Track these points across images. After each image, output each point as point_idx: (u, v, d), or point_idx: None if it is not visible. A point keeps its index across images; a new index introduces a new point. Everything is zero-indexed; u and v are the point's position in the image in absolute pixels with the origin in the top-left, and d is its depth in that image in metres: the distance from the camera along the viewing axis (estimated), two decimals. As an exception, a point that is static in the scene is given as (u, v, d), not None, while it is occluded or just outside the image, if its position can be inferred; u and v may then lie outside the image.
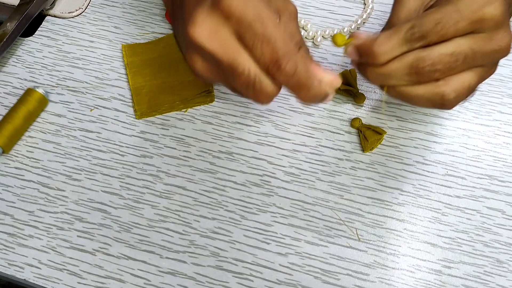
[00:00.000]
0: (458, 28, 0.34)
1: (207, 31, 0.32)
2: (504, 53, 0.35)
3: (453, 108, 0.44)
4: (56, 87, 0.52)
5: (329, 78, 0.35)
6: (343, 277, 0.43)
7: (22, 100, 0.49)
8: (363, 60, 0.37)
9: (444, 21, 0.34)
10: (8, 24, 0.53)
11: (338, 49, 0.53)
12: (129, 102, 0.51)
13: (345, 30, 0.54)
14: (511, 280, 0.42)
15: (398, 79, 0.36)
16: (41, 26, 0.56)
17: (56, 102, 0.51)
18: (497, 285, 0.42)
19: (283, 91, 0.50)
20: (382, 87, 0.38)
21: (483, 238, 0.44)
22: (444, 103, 0.36)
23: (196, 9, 0.33)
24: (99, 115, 0.51)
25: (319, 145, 0.48)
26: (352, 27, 0.54)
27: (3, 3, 0.58)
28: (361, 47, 0.36)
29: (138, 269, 0.44)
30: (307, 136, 0.49)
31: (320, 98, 0.36)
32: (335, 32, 0.54)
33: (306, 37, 0.54)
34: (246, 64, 0.33)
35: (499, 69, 0.51)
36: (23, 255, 0.44)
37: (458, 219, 0.45)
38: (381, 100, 0.50)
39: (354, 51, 0.36)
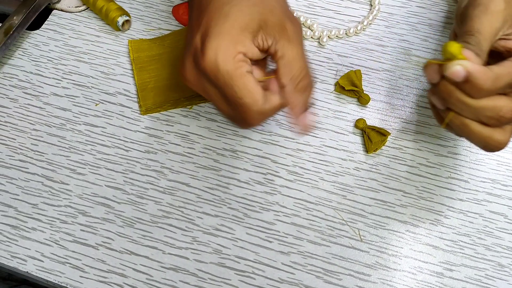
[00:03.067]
0: None
1: (192, 77, 0.38)
2: None
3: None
4: (62, 80, 0.52)
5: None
6: (345, 277, 0.43)
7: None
8: (455, 83, 0.34)
9: None
10: (14, 17, 0.53)
11: (343, 50, 0.53)
12: (134, 97, 0.51)
13: (351, 30, 0.54)
14: (512, 284, 0.42)
15: (476, 115, 0.35)
16: (47, 19, 0.56)
17: (62, 96, 0.52)
18: (498, 289, 0.42)
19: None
20: (445, 110, 0.37)
21: (485, 241, 0.44)
22: (495, 150, 0.37)
23: (186, 56, 0.38)
24: (104, 110, 0.51)
25: (323, 145, 0.48)
26: (358, 28, 0.54)
27: (10, -5, 0.58)
28: (472, 75, 0.33)
29: (141, 264, 0.44)
30: (311, 135, 0.49)
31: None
32: (341, 32, 0.54)
33: (312, 37, 0.54)
34: (224, 107, 0.38)
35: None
36: (26, 248, 0.45)
37: (461, 222, 0.45)
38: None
39: (461, 75, 0.33)
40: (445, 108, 0.37)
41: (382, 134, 0.48)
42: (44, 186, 0.47)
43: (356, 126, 0.49)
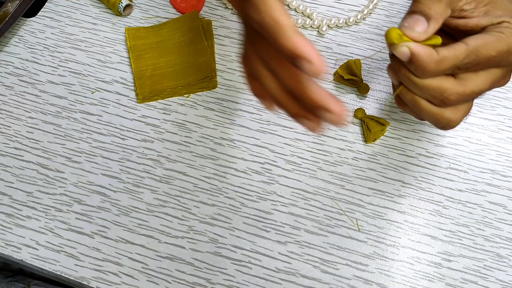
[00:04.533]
0: (496, 65, 0.35)
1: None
2: None
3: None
4: (58, 68, 0.52)
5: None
6: (342, 267, 0.43)
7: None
8: (404, 63, 0.35)
9: (494, 60, 0.34)
10: (9, 4, 0.52)
11: (343, 39, 0.52)
12: (131, 85, 0.51)
13: (351, 20, 0.53)
14: (511, 275, 0.42)
15: (422, 93, 0.36)
16: (44, 7, 0.56)
17: (58, 84, 0.51)
18: (496, 280, 0.42)
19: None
20: (397, 85, 0.37)
21: (484, 232, 0.44)
22: (446, 127, 0.37)
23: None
24: (100, 98, 0.50)
25: (322, 134, 0.48)
26: (358, 17, 0.53)
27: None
28: (416, 57, 0.33)
29: (136, 253, 0.43)
30: (310, 125, 0.48)
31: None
32: (340, 21, 0.53)
33: (311, 26, 0.53)
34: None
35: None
36: (20, 236, 0.44)
37: (459, 213, 0.44)
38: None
39: (407, 55, 0.34)
40: (398, 84, 0.37)
41: (381, 124, 0.47)
42: (39, 174, 0.47)
43: (355, 115, 0.49)
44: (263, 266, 0.43)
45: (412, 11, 0.35)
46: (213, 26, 0.53)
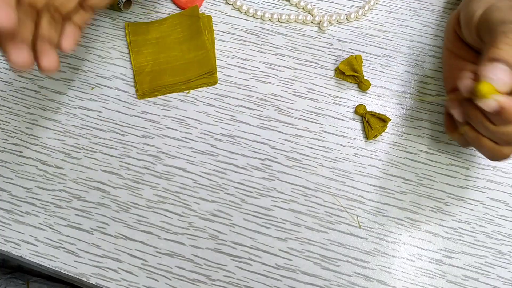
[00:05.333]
0: None
1: None
2: None
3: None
4: (57, 64, 0.52)
5: None
6: (343, 264, 0.42)
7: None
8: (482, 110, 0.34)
9: None
10: None
11: (344, 35, 0.52)
12: (130, 81, 0.50)
13: (351, 15, 0.53)
14: (512, 272, 0.42)
15: (491, 136, 0.36)
16: (43, 2, 0.55)
17: (57, 80, 0.51)
18: (498, 277, 0.42)
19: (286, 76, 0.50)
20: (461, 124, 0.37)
21: (485, 229, 0.43)
22: (500, 160, 0.38)
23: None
24: (100, 94, 0.50)
25: (322, 131, 0.48)
26: (359, 13, 0.53)
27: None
28: (504, 110, 0.32)
29: (136, 250, 0.43)
30: (310, 121, 0.48)
31: None
32: (341, 17, 0.53)
33: (312, 22, 0.53)
34: None
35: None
36: (19, 232, 0.44)
37: (461, 209, 0.44)
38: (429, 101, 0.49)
39: (494, 108, 0.33)
40: (463, 121, 0.37)
41: (382, 120, 0.47)
42: (39, 170, 0.46)
43: (356, 112, 0.48)
44: (263, 262, 0.43)
45: (493, 59, 0.33)
46: (213, 22, 0.53)
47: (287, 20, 0.53)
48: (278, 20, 0.53)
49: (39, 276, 0.68)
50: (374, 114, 0.47)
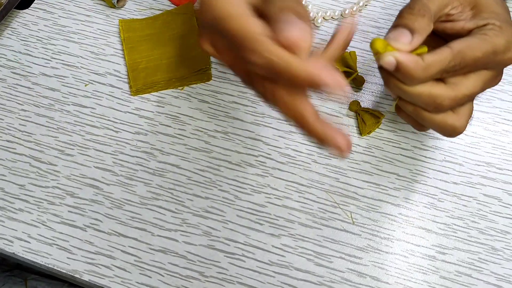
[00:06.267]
0: (484, 67, 0.35)
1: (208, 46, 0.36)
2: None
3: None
4: (51, 60, 0.51)
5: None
6: (336, 260, 0.42)
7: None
8: (393, 74, 0.35)
9: (481, 61, 0.34)
10: (3, -5, 0.52)
11: (338, 31, 0.52)
12: (124, 78, 0.50)
13: (346, 12, 0.53)
14: (505, 268, 0.42)
15: (415, 102, 0.36)
16: (37, -2, 0.55)
17: (51, 76, 0.51)
18: (491, 272, 0.42)
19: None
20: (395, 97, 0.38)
21: (479, 225, 0.43)
22: (453, 135, 0.38)
23: (200, 35, 0.36)
24: (93, 91, 0.50)
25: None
26: (354, 9, 0.53)
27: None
28: (402, 65, 0.33)
29: (129, 246, 0.43)
30: (304, 117, 0.48)
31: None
32: (336, 13, 0.53)
33: (306, 18, 0.53)
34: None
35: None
36: (12, 229, 0.44)
37: (454, 206, 0.44)
38: (393, 101, 0.49)
39: (392, 64, 0.34)
40: (396, 96, 0.38)
41: (376, 116, 0.47)
42: (32, 167, 0.46)
43: (350, 108, 0.48)
44: (256, 259, 0.43)
45: (396, 25, 0.35)
46: (207, 18, 0.53)
47: (281, 17, 0.53)
48: (272, 17, 0.53)
49: (38, 274, 0.68)
50: (368, 111, 0.47)
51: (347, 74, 0.49)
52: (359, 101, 0.48)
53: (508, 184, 0.45)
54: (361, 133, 0.47)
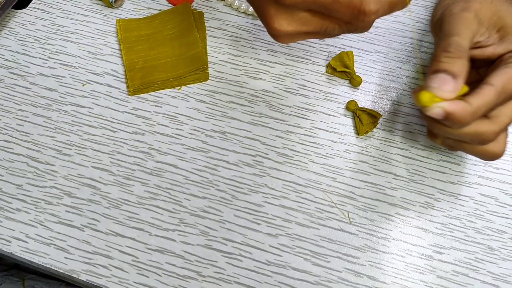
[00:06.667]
0: None
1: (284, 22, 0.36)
2: None
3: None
4: (48, 60, 0.51)
5: None
6: (333, 260, 0.42)
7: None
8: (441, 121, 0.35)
9: None
10: (0, -5, 0.52)
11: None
12: (122, 78, 0.50)
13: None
14: (502, 267, 0.42)
15: (462, 139, 0.37)
16: (34, -2, 0.55)
17: (48, 76, 0.51)
18: (488, 272, 0.42)
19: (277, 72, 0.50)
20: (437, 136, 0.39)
21: (476, 224, 0.43)
22: (494, 159, 0.39)
23: (269, 13, 0.36)
24: (91, 90, 0.50)
25: (314, 127, 0.48)
26: (351, 9, 0.53)
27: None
28: (451, 115, 0.34)
29: (126, 246, 0.43)
30: (302, 117, 0.48)
31: None
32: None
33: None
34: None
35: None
36: (10, 229, 0.44)
37: (451, 205, 0.44)
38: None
39: (441, 115, 0.34)
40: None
41: (374, 116, 0.47)
42: (29, 167, 0.46)
43: (347, 108, 0.48)
44: (254, 258, 0.43)
45: (435, 70, 0.35)
46: (205, 18, 0.53)
47: (278, 16, 0.53)
48: (270, 16, 0.53)
49: (35, 274, 0.68)
50: (365, 110, 0.47)
51: (344, 74, 0.49)
52: (356, 101, 0.48)
53: (505, 184, 0.45)
54: (358, 132, 0.47)
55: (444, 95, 0.34)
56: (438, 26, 0.38)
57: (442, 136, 0.39)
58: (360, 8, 0.33)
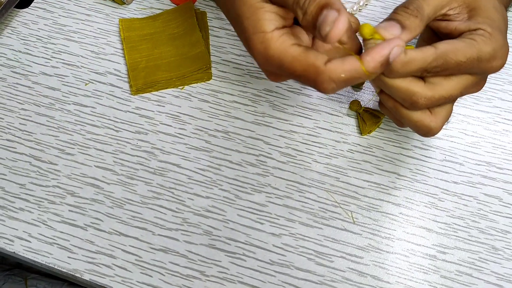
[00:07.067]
0: (467, 71, 0.35)
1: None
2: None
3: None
4: (51, 60, 0.51)
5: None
6: (337, 260, 0.42)
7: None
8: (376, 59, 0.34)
9: (464, 66, 0.34)
10: (3, -6, 0.51)
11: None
12: (124, 77, 0.50)
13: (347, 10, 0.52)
14: (506, 267, 0.42)
15: (395, 95, 0.37)
16: (37, -3, 0.55)
17: (51, 75, 0.51)
18: (491, 272, 0.42)
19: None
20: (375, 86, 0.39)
21: (479, 224, 0.43)
22: (427, 135, 0.38)
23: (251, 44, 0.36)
24: (94, 90, 0.50)
25: (317, 126, 0.48)
26: (354, 8, 0.53)
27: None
28: (382, 53, 0.33)
29: (130, 245, 0.43)
30: (305, 117, 0.48)
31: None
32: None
33: (307, 18, 0.53)
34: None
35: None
36: (13, 228, 0.44)
37: (455, 205, 0.44)
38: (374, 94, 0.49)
39: (376, 50, 0.33)
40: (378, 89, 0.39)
41: (377, 116, 0.47)
42: (32, 166, 0.46)
43: (350, 108, 0.48)
44: (257, 258, 0.43)
45: (389, 18, 0.36)
46: (207, 17, 0.53)
47: (281, 16, 0.53)
48: (273, 16, 0.53)
49: (38, 273, 0.68)
50: (368, 110, 0.47)
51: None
52: (360, 100, 0.48)
53: (509, 184, 0.45)
54: (361, 132, 0.47)
55: (386, 34, 0.34)
56: None
57: (380, 92, 0.38)
58: (316, 80, 0.33)
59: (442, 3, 0.36)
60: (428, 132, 0.38)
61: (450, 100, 0.37)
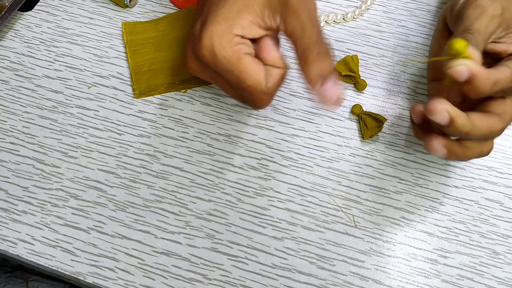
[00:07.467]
0: None
1: (194, 64, 0.40)
2: None
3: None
4: (54, 63, 0.52)
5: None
6: (338, 263, 0.43)
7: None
8: (460, 84, 0.34)
9: None
10: (6, -3, 0.52)
11: (340, 35, 0.52)
12: (127, 80, 0.51)
13: (348, 15, 0.53)
14: (507, 272, 0.42)
15: (474, 136, 0.36)
16: (40, 0, 0.55)
17: (54, 78, 0.51)
18: (492, 276, 0.42)
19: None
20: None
21: (480, 229, 0.44)
22: (484, 156, 0.39)
23: (187, 44, 0.40)
24: (97, 93, 0.50)
25: (319, 130, 0.48)
26: (356, 13, 0.53)
27: (2, -24, 0.57)
28: (476, 77, 0.33)
29: (133, 249, 0.43)
30: (307, 121, 0.48)
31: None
32: (338, 17, 0.53)
33: (309, 22, 0.53)
34: (230, 91, 0.40)
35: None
36: (16, 231, 0.44)
37: (456, 209, 0.44)
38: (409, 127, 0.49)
39: (465, 74, 0.33)
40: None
41: (379, 120, 0.47)
42: (35, 169, 0.46)
43: (352, 112, 0.48)
44: (259, 262, 0.43)
45: (464, 30, 0.36)
46: (210, 21, 0.53)
47: (284, 20, 0.53)
48: (275, 20, 0.53)
49: (39, 275, 0.69)
50: (370, 114, 0.47)
51: (349, 78, 0.50)
52: (361, 104, 0.48)
53: (510, 188, 0.45)
54: (363, 136, 0.47)
55: (474, 53, 0.33)
56: (458, 17, 0.38)
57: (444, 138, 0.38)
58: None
59: (493, 31, 0.36)
60: (484, 155, 0.39)
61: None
